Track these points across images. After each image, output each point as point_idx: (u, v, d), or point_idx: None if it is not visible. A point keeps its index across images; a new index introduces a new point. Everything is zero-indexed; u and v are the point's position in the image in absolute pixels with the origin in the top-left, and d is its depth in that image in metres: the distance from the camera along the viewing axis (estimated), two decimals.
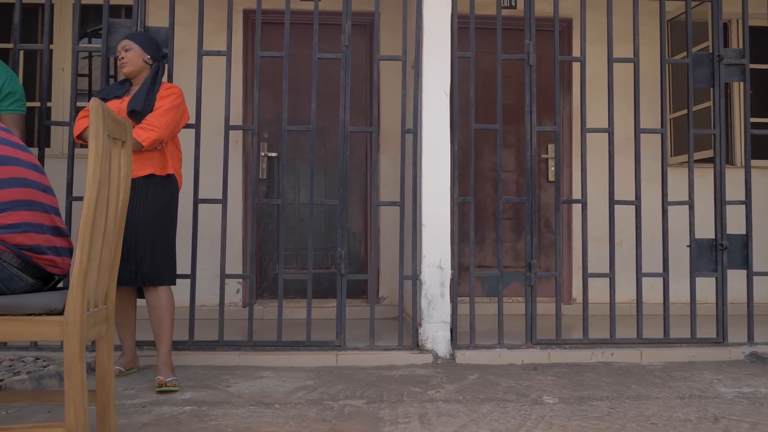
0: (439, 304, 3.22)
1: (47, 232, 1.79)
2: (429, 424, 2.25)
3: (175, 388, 2.64)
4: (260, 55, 3.27)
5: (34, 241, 1.75)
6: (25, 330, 1.70)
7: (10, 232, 1.70)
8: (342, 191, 3.24)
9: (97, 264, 1.82)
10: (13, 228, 1.71)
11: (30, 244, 1.73)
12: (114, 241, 1.95)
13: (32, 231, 1.75)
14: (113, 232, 1.93)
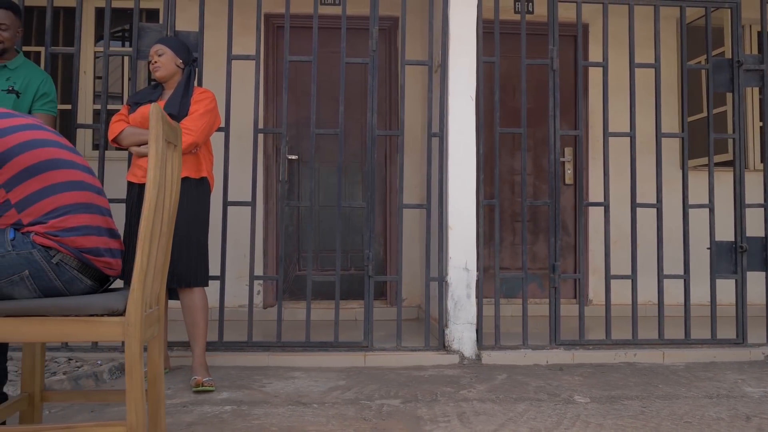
0: (465, 306, 3.27)
1: (104, 234, 1.82)
2: (468, 422, 2.29)
3: (212, 388, 2.68)
4: (288, 59, 3.31)
5: (94, 243, 1.78)
6: (88, 330, 1.74)
7: (71, 235, 1.74)
8: (369, 194, 3.28)
9: (153, 266, 1.86)
10: (74, 231, 1.74)
11: (89, 246, 1.77)
12: (166, 243, 1.99)
13: (91, 234, 1.78)
14: (166, 234, 1.97)
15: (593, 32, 4.61)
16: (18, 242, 1.69)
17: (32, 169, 1.72)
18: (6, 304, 1.69)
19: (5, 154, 1.70)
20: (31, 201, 1.71)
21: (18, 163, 1.70)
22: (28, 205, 1.71)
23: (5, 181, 1.69)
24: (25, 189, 1.71)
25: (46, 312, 1.70)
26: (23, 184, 1.71)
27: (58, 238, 1.71)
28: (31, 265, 1.68)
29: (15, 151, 1.71)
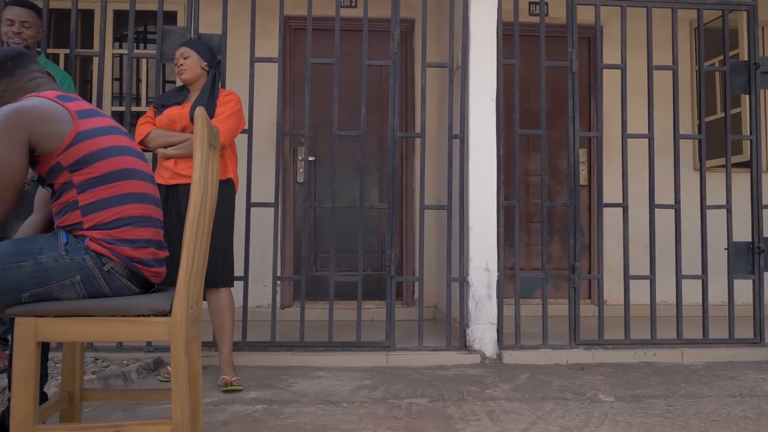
0: (486, 306, 3.30)
1: (154, 245, 1.86)
2: (498, 421, 2.32)
3: (241, 387, 2.71)
4: (311, 62, 3.33)
5: (146, 255, 1.81)
6: (135, 330, 1.77)
7: (126, 246, 1.77)
8: (391, 195, 3.32)
9: (195, 267, 1.89)
10: (130, 243, 1.78)
11: (141, 257, 1.80)
12: (206, 245, 2.02)
13: (146, 246, 1.82)
14: (206, 235, 2.00)
15: (607, 34, 4.64)
16: (71, 247, 1.72)
17: (108, 177, 1.75)
18: (56, 304, 1.72)
19: (90, 157, 1.73)
20: (98, 207, 1.74)
21: (98, 168, 1.74)
22: (94, 210, 1.74)
23: (80, 182, 1.73)
24: (96, 194, 1.74)
25: (95, 312, 1.73)
26: (96, 189, 1.74)
27: (112, 247, 1.74)
28: (83, 271, 1.71)
29: (98, 156, 1.75)
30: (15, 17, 2.89)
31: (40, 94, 1.81)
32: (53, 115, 1.75)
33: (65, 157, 1.74)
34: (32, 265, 1.68)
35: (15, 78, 1.87)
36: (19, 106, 1.73)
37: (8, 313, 1.70)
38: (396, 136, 3.33)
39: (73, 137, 1.74)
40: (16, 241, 1.74)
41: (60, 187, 1.77)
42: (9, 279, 1.66)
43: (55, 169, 1.75)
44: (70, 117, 1.77)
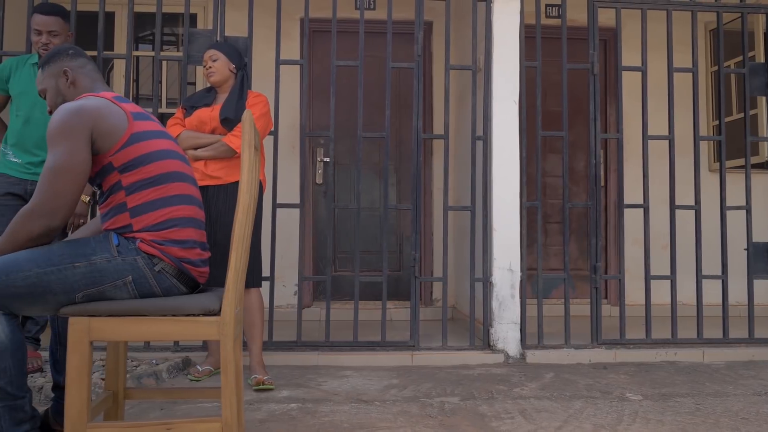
0: (510, 306, 3.33)
1: (200, 246, 1.89)
2: (532, 419, 2.35)
3: (272, 386, 2.74)
4: (336, 64, 3.37)
5: (193, 255, 1.85)
6: (186, 329, 1.80)
7: (176, 246, 1.80)
8: (415, 197, 3.35)
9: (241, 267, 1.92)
10: (179, 243, 1.81)
11: (189, 258, 1.83)
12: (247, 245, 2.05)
13: (194, 247, 1.85)
14: (249, 236, 2.03)
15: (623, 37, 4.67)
16: (123, 248, 1.75)
17: (155, 179, 1.79)
18: (109, 304, 1.75)
19: (141, 159, 1.77)
20: (146, 209, 1.77)
21: (147, 170, 1.78)
22: (143, 212, 1.77)
23: (129, 184, 1.76)
24: (144, 196, 1.77)
25: (146, 312, 1.77)
26: (144, 191, 1.77)
27: (162, 248, 1.77)
28: (135, 272, 1.75)
29: (149, 159, 1.78)
30: (42, 27, 2.89)
31: (98, 94, 1.85)
32: (112, 114, 1.78)
33: (118, 157, 1.77)
34: (86, 266, 1.71)
35: (77, 63, 1.92)
36: (81, 104, 1.77)
37: (62, 312, 1.73)
38: (420, 137, 3.37)
39: (127, 138, 1.78)
40: (69, 242, 1.77)
41: (109, 188, 1.80)
42: (64, 279, 1.69)
43: (106, 169, 1.79)
44: (126, 118, 1.80)
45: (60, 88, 1.92)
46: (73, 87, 1.92)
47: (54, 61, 1.93)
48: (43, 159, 2.94)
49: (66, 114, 1.75)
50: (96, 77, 1.97)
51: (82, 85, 1.92)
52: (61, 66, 1.92)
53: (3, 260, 1.67)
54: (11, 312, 1.69)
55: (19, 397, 1.71)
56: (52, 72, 1.93)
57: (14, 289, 1.66)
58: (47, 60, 1.93)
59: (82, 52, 1.98)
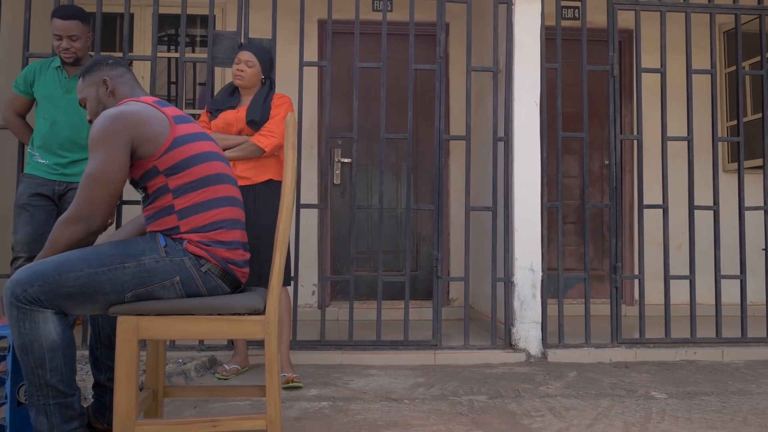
0: (531, 305, 3.36)
1: (242, 247, 1.92)
2: (562, 417, 2.38)
3: (301, 384, 2.77)
4: (359, 66, 3.40)
5: (237, 256, 1.88)
6: (231, 328, 1.84)
7: (222, 247, 1.84)
8: (438, 197, 3.38)
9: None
10: (225, 245, 1.84)
11: (234, 258, 1.87)
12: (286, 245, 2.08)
13: (238, 248, 1.89)
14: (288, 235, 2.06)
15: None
16: (170, 249, 1.78)
17: (202, 182, 1.82)
18: (157, 303, 1.78)
19: (186, 162, 1.80)
20: (194, 211, 1.80)
21: (192, 173, 1.81)
22: (190, 214, 1.80)
23: (175, 187, 1.79)
24: (191, 198, 1.80)
25: (193, 311, 1.80)
26: (191, 194, 1.80)
27: (209, 249, 1.81)
28: (182, 272, 1.78)
29: (193, 161, 1.81)
30: (62, 31, 2.91)
31: (139, 99, 1.88)
32: (153, 119, 1.81)
33: (162, 161, 1.80)
34: (135, 267, 1.74)
35: (116, 73, 1.95)
36: (122, 110, 1.80)
37: (111, 311, 1.77)
38: (442, 138, 3.40)
39: (170, 142, 1.81)
40: (118, 243, 1.80)
41: (154, 191, 1.83)
42: (114, 279, 1.72)
43: (151, 173, 1.81)
44: (168, 122, 1.83)
45: (100, 96, 1.95)
46: (113, 96, 1.94)
47: (94, 71, 1.95)
48: (70, 160, 2.97)
49: (106, 120, 1.78)
50: (135, 85, 1.99)
51: (122, 94, 1.95)
52: (100, 75, 1.94)
53: (55, 261, 1.71)
54: (62, 311, 1.72)
55: (69, 395, 1.74)
56: (91, 81, 1.95)
57: (66, 288, 1.69)
58: (87, 70, 1.96)
59: (121, 62, 2.01)
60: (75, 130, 2.96)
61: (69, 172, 2.97)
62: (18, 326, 1.67)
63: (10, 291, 1.67)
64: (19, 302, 1.66)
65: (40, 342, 1.67)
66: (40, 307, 1.68)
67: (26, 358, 1.68)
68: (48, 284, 1.67)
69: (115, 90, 1.94)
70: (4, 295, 1.69)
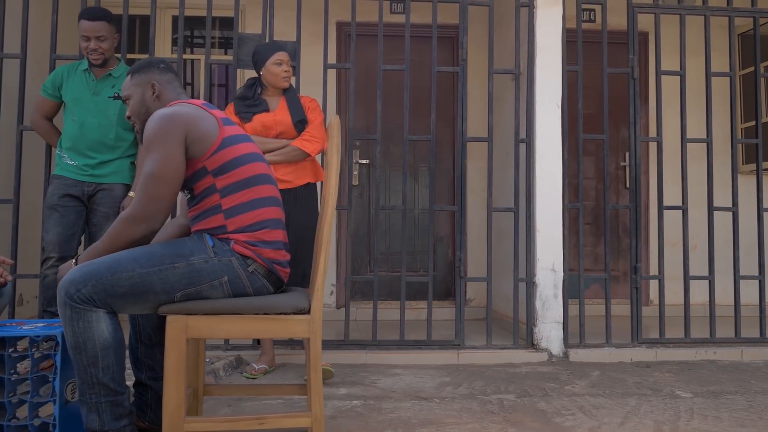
0: (553, 305, 3.40)
1: (284, 248, 1.96)
2: (593, 416, 2.42)
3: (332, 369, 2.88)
4: (382, 68, 3.43)
5: (281, 256, 1.91)
6: (277, 327, 1.87)
7: (267, 247, 1.87)
8: (460, 198, 3.42)
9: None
10: (270, 244, 1.88)
11: (278, 259, 1.90)
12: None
13: (281, 248, 1.92)
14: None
15: (652, 41, 4.74)
16: (218, 249, 1.81)
17: (247, 182, 1.85)
18: (205, 303, 1.81)
19: (233, 163, 1.83)
20: (240, 210, 1.84)
21: (238, 173, 1.84)
22: (236, 213, 1.83)
23: (223, 186, 1.82)
24: (237, 198, 1.84)
25: (241, 311, 1.83)
26: (237, 193, 1.84)
27: (256, 249, 1.84)
28: (230, 272, 1.81)
29: (239, 162, 1.84)
30: (90, 33, 2.94)
31: (188, 101, 1.91)
32: (204, 120, 1.85)
33: (211, 161, 1.83)
34: (185, 267, 1.77)
35: (165, 78, 1.98)
36: (175, 110, 1.83)
37: (161, 311, 1.80)
38: (465, 140, 3.43)
39: (219, 143, 1.84)
40: (167, 243, 1.83)
41: (202, 191, 1.86)
42: (165, 279, 1.75)
43: (200, 173, 1.85)
44: (216, 123, 1.87)
45: (145, 98, 1.97)
46: (158, 100, 1.97)
47: (144, 72, 1.98)
48: (98, 161, 3.00)
49: (161, 120, 1.81)
50: (181, 92, 2.02)
51: (167, 99, 1.97)
52: (150, 78, 1.97)
53: (107, 261, 1.73)
54: (113, 311, 1.75)
55: (119, 393, 1.77)
56: (140, 81, 1.98)
57: (119, 288, 1.72)
58: (138, 69, 1.99)
59: (171, 68, 2.04)
60: (103, 132, 2.99)
61: (98, 173, 3.00)
62: (72, 325, 1.70)
63: (64, 291, 1.70)
64: (73, 302, 1.69)
65: (93, 341, 1.70)
66: (93, 307, 1.71)
67: (79, 357, 1.71)
68: (101, 284, 1.70)
69: (161, 95, 1.97)
70: (58, 294, 1.72)
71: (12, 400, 1.96)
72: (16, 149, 3.26)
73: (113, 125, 3.00)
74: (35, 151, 3.48)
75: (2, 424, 1.96)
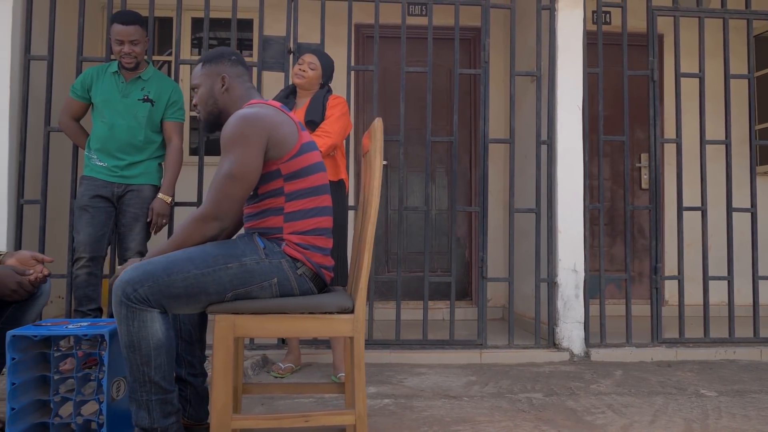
0: (574, 305, 3.43)
1: (331, 254, 1.99)
2: (622, 414, 2.45)
3: None
4: (405, 70, 3.46)
5: (328, 262, 1.96)
6: (322, 326, 1.90)
7: (319, 252, 1.91)
8: (482, 199, 3.45)
9: None
10: (321, 250, 1.92)
11: (325, 264, 1.94)
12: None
13: (329, 254, 1.96)
14: None
15: (667, 43, 4.77)
16: (269, 251, 1.84)
17: (314, 191, 1.89)
18: (253, 303, 1.85)
19: (306, 170, 1.87)
20: (300, 216, 1.87)
21: (308, 181, 1.88)
22: (296, 219, 1.87)
23: (290, 191, 1.86)
24: (301, 204, 1.87)
25: (288, 310, 1.86)
26: (302, 200, 1.87)
27: (306, 252, 1.87)
28: (280, 274, 1.84)
29: (312, 170, 1.89)
30: (123, 36, 2.96)
31: (267, 102, 1.92)
32: (285, 124, 1.87)
33: (287, 166, 1.86)
34: (237, 267, 1.80)
35: (236, 71, 1.98)
36: (257, 112, 1.84)
37: (209, 311, 1.83)
38: (487, 141, 3.46)
39: (298, 149, 1.87)
40: (219, 244, 1.85)
41: (267, 192, 1.88)
42: (218, 280, 1.78)
43: (272, 175, 1.86)
44: (296, 128, 1.89)
45: (214, 90, 1.96)
46: (227, 93, 1.95)
47: (215, 62, 1.96)
48: (128, 162, 3.03)
49: (242, 121, 1.81)
50: (250, 86, 2.01)
51: (236, 93, 1.96)
52: (220, 70, 1.96)
53: (163, 262, 1.76)
54: (165, 311, 1.78)
55: (169, 391, 1.80)
56: (210, 72, 1.96)
57: (174, 289, 1.75)
58: (210, 59, 1.97)
59: (242, 60, 2.02)
60: (132, 134, 3.02)
61: (127, 174, 3.03)
62: (127, 324, 1.73)
63: (121, 290, 1.72)
64: (129, 301, 1.72)
65: (147, 340, 1.73)
66: (148, 307, 1.74)
67: (133, 356, 1.74)
68: (157, 285, 1.73)
69: (230, 88, 1.96)
70: (114, 293, 1.75)
71: (55, 399, 2.00)
72: (43, 150, 3.30)
73: (142, 127, 3.03)
74: (62, 153, 3.51)
75: (47, 422, 2.00)
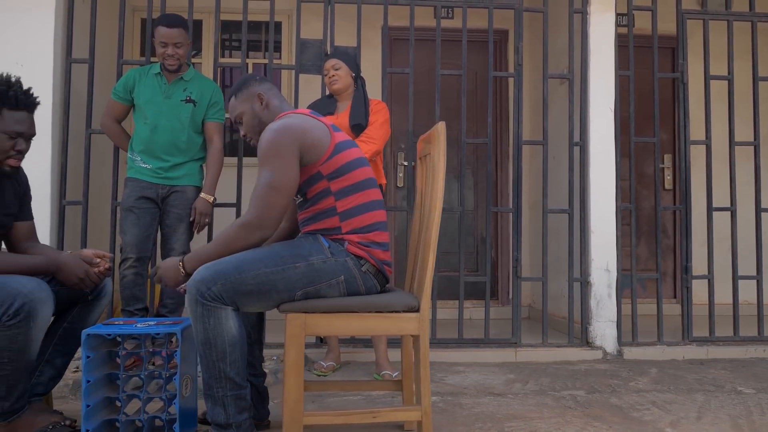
0: (607, 304, 3.49)
1: (389, 249, 2.04)
2: (668, 410, 2.50)
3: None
4: (440, 73, 3.51)
5: (388, 257, 2.01)
6: (389, 325, 1.95)
7: (379, 248, 1.96)
8: (516, 200, 3.50)
9: None
10: (381, 246, 1.97)
11: (387, 260, 2.00)
12: None
13: (388, 249, 2.01)
14: None
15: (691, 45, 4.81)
16: (334, 250, 1.90)
17: (360, 185, 1.94)
18: (323, 302, 1.90)
19: (346, 167, 1.93)
20: (354, 213, 1.93)
21: (351, 177, 1.93)
22: (351, 216, 1.92)
23: (337, 190, 1.91)
24: (351, 201, 1.93)
25: (356, 309, 1.92)
26: (351, 196, 1.93)
27: (369, 249, 1.93)
28: (346, 272, 1.90)
29: (352, 166, 1.94)
30: (168, 39, 3.01)
31: (296, 112, 2.00)
32: (314, 128, 1.94)
33: (326, 166, 1.92)
34: (305, 267, 1.86)
35: (266, 87, 2.09)
36: (285, 122, 1.92)
37: (281, 309, 1.88)
38: (521, 143, 3.52)
39: (333, 148, 1.93)
40: (285, 244, 1.91)
41: (316, 194, 1.95)
42: (287, 279, 1.84)
43: (314, 177, 1.93)
44: (327, 130, 1.96)
45: (256, 110, 2.07)
46: (267, 108, 2.07)
47: (246, 88, 2.08)
48: (172, 164, 3.07)
49: (274, 134, 1.90)
50: (281, 97, 2.13)
51: (274, 106, 2.08)
52: (254, 91, 2.07)
53: (234, 261, 1.81)
54: (238, 308, 1.83)
55: (243, 387, 1.85)
56: (246, 97, 2.08)
57: (245, 287, 1.80)
58: (239, 88, 2.09)
59: (265, 77, 2.15)
60: (175, 135, 3.07)
61: (171, 175, 3.08)
62: (203, 322, 1.78)
63: (195, 289, 1.78)
64: (204, 300, 1.77)
65: (222, 337, 1.78)
66: (221, 305, 1.79)
67: (209, 353, 1.79)
68: (230, 283, 1.79)
69: (269, 103, 2.07)
70: (188, 293, 1.80)
71: (123, 396, 2.05)
72: (85, 152, 3.34)
73: (185, 128, 3.08)
74: (103, 154, 3.56)
75: (115, 419, 2.05)
